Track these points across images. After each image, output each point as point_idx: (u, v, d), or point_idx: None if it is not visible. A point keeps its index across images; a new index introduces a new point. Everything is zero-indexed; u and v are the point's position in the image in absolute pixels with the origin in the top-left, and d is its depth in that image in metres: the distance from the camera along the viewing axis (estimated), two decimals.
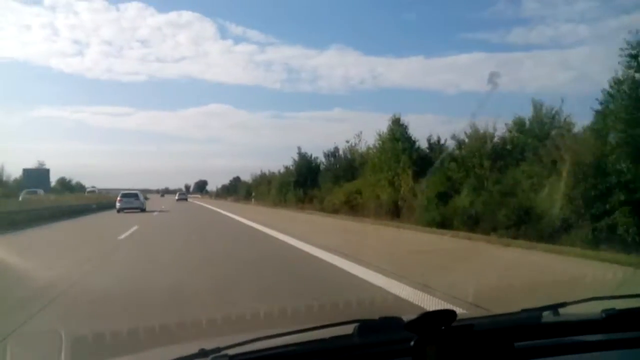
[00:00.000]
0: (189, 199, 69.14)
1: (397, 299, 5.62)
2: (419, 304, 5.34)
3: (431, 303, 5.28)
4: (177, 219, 25.06)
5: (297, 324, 1.54)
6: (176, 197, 65.58)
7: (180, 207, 41.40)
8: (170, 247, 12.01)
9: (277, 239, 13.21)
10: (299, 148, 40.95)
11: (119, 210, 30.49)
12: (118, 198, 32.57)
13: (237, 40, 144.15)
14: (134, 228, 16.60)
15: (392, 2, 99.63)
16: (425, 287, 6.01)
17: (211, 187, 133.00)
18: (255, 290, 6.29)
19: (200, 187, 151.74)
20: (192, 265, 8.80)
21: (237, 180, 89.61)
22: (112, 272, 8.18)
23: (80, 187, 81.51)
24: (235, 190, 78.37)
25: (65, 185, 76.88)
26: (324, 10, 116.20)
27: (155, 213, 29.05)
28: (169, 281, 6.96)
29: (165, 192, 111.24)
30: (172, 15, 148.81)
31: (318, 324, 1.52)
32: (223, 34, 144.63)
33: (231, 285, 6.76)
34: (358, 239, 13.28)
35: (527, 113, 18.92)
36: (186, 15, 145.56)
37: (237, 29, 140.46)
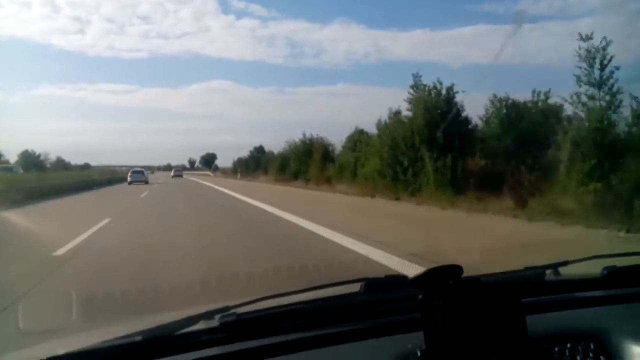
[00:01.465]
0: (197, 180, 55.20)
1: None
2: None
3: None
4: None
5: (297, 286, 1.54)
6: (171, 174, 65.78)
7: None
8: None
9: None
10: None
11: (129, 183, 41.31)
12: (129, 174, 44.39)
13: (239, 15, 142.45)
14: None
15: None
16: None
17: (220, 162, 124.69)
18: None
19: (208, 161, 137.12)
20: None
21: (259, 151, 67.38)
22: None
23: (85, 167, 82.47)
24: (258, 164, 58.33)
25: (62, 165, 76.30)
26: None
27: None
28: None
29: (168, 168, 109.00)
30: None
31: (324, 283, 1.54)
32: (225, 8, 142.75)
33: None
34: None
35: (531, 85, 20.09)
36: None
37: (239, 4, 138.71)
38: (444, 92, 19.42)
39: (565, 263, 1.72)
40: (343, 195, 22.35)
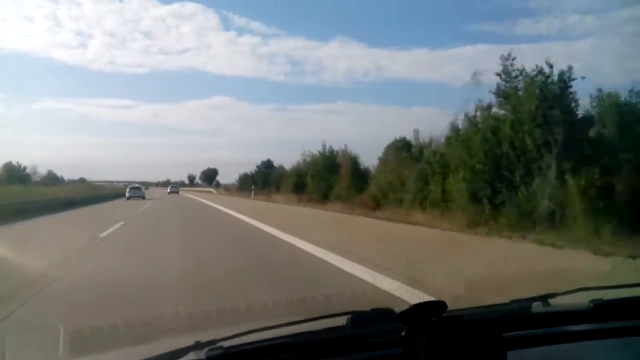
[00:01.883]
0: (198, 199, 47.43)
1: None
2: None
3: None
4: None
5: (289, 316, 1.48)
6: (168, 190, 65.12)
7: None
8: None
9: None
10: None
11: (127, 198, 42.33)
12: (127, 189, 46.56)
13: (241, 31, 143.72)
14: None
15: None
16: None
17: (220, 178, 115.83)
18: None
19: (209, 177, 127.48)
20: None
21: (267, 166, 60.51)
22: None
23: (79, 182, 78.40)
24: (266, 181, 51.70)
25: (54, 179, 73.18)
26: (327, 1, 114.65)
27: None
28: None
29: (167, 184, 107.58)
30: (175, 7, 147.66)
31: (311, 316, 1.55)
32: (226, 25, 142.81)
33: None
34: None
35: None
36: (189, 7, 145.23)
37: (240, 20, 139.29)
38: (554, 78, 13.65)
39: (552, 295, 1.73)
40: (431, 230, 11.79)
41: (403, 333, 1.34)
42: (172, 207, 29.59)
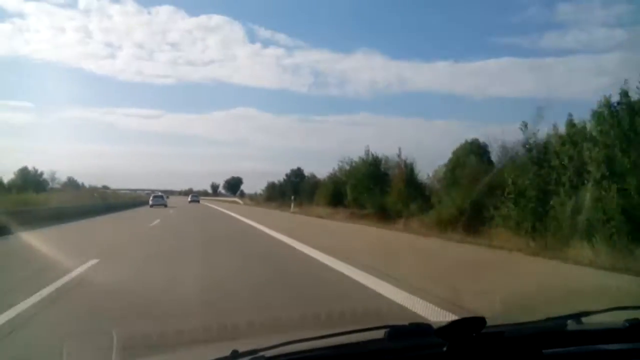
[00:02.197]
0: (225, 211, 38.23)
1: None
2: None
3: None
4: None
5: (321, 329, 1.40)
6: (188, 199, 66.79)
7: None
8: None
9: None
10: None
11: (151, 206, 45.29)
12: (150, 198, 50.07)
13: (266, 43, 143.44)
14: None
15: (420, 5, 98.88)
16: None
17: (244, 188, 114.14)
18: None
19: (233, 186, 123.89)
20: None
21: (297, 175, 55.54)
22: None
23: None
24: (296, 191, 45.77)
25: (74, 186, 70.63)
26: (351, 13, 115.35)
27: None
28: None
29: (189, 192, 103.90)
30: (202, 19, 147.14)
31: (349, 329, 1.55)
32: (251, 37, 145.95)
33: None
34: None
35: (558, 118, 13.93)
36: (216, 19, 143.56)
37: (265, 33, 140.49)
38: None
39: (586, 313, 1.73)
40: None
41: (444, 348, 1.36)
42: (190, 224, 22.51)
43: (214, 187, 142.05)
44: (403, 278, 7.07)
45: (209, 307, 5.60)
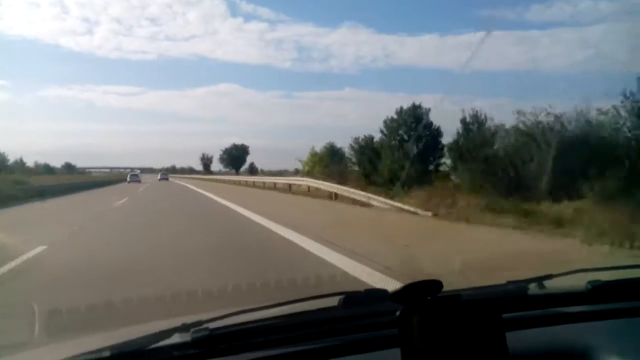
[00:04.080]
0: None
1: None
2: None
3: None
4: None
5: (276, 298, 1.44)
6: (158, 178, 66.87)
7: None
8: None
9: None
10: None
11: (128, 182, 52.95)
12: (128, 176, 58.94)
13: (248, 18, 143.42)
14: None
15: None
16: None
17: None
18: None
19: (235, 159, 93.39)
20: None
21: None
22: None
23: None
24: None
25: (47, 169, 76.40)
26: None
27: None
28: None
29: (173, 170, 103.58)
30: None
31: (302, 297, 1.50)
32: (233, 11, 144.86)
33: None
34: None
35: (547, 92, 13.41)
36: None
37: (247, 7, 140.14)
38: None
39: (549, 277, 1.69)
40: None
41: (397, 313, 1.29)
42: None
43: (206, 162, 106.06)
44: None
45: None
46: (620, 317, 1.61)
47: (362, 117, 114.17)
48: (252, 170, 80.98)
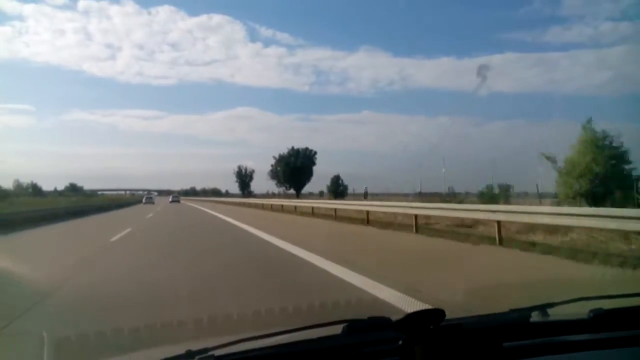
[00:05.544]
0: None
1: None
2: None
3: None
4: None
5: (286, 324, 1.47)
6: (169, 200, 68.46)
7: None
8: None
9: None
10: None
11: (144, 203, 58.95)
12: (143, 198, 66.48)
13: (267, 42, 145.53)
14: None
15: (422, 2, 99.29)
16: None
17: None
18: None
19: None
20: None
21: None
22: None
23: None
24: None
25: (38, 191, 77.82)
26: (353, 11, 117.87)
27: None
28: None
29: (193, 192, 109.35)
30: (203, 19, 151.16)
31: (307, 324, 1.50)
32: (253, 36, 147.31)
33: None
34: None
35: (564, 114, 13.51)
36: (216, 18, 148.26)
37: (267, 32, 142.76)
38: None
39: (551, 305, 1.69)
40: None
41: (400, 342, 1.30)
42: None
43: (243, 180, 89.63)
44: None
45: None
46: (622, 345, 1.59)
47: (380, 139, 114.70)
48: (341, 194, 52.52)
